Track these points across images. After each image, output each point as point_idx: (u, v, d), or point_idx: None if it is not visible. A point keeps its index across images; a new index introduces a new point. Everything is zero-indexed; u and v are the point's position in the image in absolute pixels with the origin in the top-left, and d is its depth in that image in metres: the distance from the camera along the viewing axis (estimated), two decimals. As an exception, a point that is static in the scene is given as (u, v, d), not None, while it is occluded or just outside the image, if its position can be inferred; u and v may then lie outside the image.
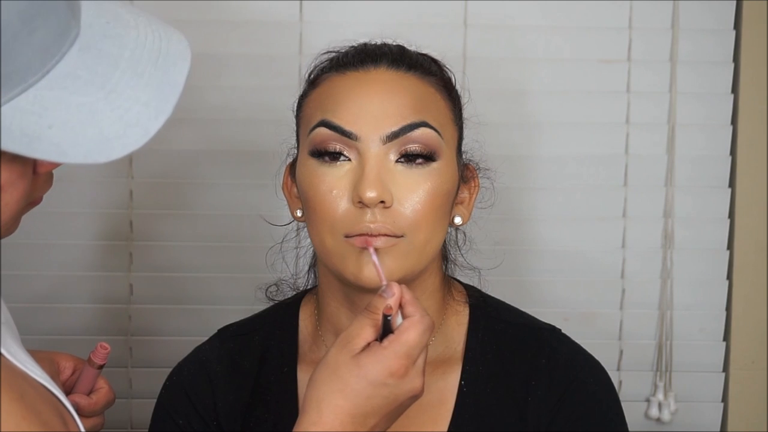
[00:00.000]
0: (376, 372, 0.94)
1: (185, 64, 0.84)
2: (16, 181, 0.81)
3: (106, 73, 0.80)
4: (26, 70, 0.77)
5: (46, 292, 1.66)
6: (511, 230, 1.68)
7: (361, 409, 0.94)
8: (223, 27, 1.65)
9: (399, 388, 0.95)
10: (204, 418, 1.18)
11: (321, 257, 1.12)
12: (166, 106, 0.82)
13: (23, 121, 0.76)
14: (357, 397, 0.94)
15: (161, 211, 1.68)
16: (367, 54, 1.12)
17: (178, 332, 1.67)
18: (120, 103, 0.80)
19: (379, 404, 0.95)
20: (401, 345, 0.95)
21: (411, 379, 0.95)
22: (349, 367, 0.94)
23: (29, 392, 0.82)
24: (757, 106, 1.68)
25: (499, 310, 1.20)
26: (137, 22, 0.85)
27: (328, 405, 0.94)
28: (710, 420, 1.72)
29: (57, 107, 0.78)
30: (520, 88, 1.68)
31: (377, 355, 0.94)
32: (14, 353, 0.84)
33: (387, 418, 0.96)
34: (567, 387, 1.14)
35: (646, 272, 1.71)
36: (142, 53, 0.83)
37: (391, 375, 0.94)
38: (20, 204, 0.83)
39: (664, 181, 1.69)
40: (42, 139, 0.77)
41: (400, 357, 0.95)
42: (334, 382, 0.95)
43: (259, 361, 1.19)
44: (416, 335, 0.95)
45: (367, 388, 0.94)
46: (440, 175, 1.08)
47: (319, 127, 1.08)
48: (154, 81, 0.82)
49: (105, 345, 1.14)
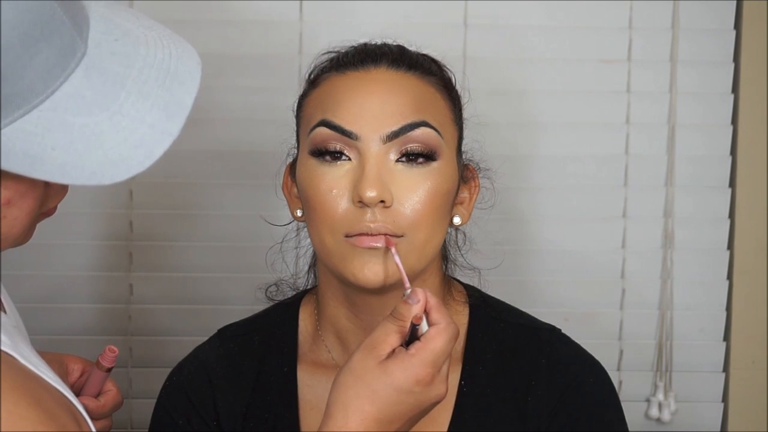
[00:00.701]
0: (403, 379, 0.94)
1: (194, 84, 0.84)
2: (25, 194, 0.81)
3: (111, 93, 0.80)
4: (29, 92, 0.76)
5: (46, 292, 1.66)
6: (511, 230, 1.68)
7: (386, 415, 0.95)
8: (223, 27, 1.65)
9: (425, 395, 0.96)
10: (204, 418, 1.18)
11: (321, 257, 1.12)
12: (172, 127, 0.82)
13: (26, 142, 0.76)
14: (383, 404, 0.94)
15: (161, 211, 1.68)
16: (368, 54, 1.12)
17: (178, 332, 1.67)
18: (125, 124, 0.79)
19: (404, 411, 0.95)
20: (428, 353, 0.95)
21: (436, 386, 0.96)
22: (376, 373, 0.95)
23: (45, 396, 0.81)
24: (757, 106, 1.68)
25: (499, 310, 1.20)
26: (147, 38, 0.84)
27: (355, 410, 0.94)
28: (710, 420, 1.72)
29: (60, 129, 0.77)
30: (520, 88, 1.68)
31: (405, 362, 0.95)
32: (27, 357, 0.83)
33: (409, 423, 0.97)
34: (567, 387, 1.14)
35: (646, 272, 1.71)
36: (149, 72, 0.82)
37: (418, 383, 0.95)
38: (32, 216, 0.83)
39: (664, 181, 1.69)
40: (45, 160, 0.76)
41: (427, 365, 0.95)
42: (360, 387, 0.95)
43: (259, 361, 1.19)
44: (443, 344, 0.96)
45: (394, 395, 0.94)
46: (440, 175, 1.08)
47: (320, 127, 1.08)
48: (160, 102, 0.81)
49: (113, 348, 1.13)
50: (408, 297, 0.98)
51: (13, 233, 0.83)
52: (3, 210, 0.80)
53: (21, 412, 0.78)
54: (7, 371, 0.79)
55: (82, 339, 1.66)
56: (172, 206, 1.68)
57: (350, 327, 1.15)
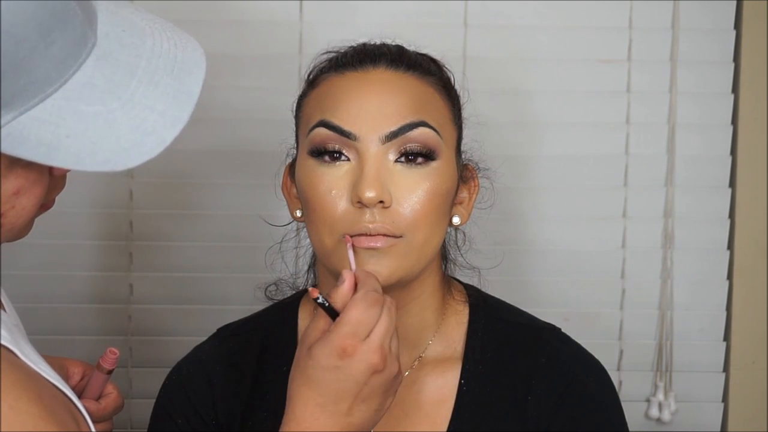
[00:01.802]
0: (325, 356, 0.94)
1: (200, 73, 0.86)
2: (33, 184, 0.82)
3: (122, 82, 0.81)
4: (43, 82, 0.78)
5: (46, 292, 1.66)
6: (511, 230, 1.68)
7: (325, 396, 0.94)
8: (223, 27, 1.65)
9: (352, 368, 0.94)
10: (203, 418, 1.18)
11: (320, 258, 1.12)
12: (181, 114, 0.83)
13: (40, 130, 0.78)
14: (317, 385, 0.94)
15: (161, 211, 1.68)
16: (366, 54, 1.12)
17: (178, 332, 1.68)
18: (136, 112, 0.81)
19: (342, 388, 0.94)
20: (343, 325, 0.94)
21: (364, 356, 0.94)
22: (305, 358, 0.95)
23: (45, 393, 0.82)
24: (757, 106, 1.68)
25: (499, 310, 1.20)
26: (152, 29, 0.86)
27: (298, 399, 0.95)
28: (710, 420, 1.72)
29: (74, 117, 0.79)
30: (520, 88, 1.68)
31: (324, 340, 0.95)
32: (27, 354, 0.84)
33: (365, 402, 0.95)
34: (567, 386, 1.14)
35: (646, 272, 1.71)
36: (158, 62, 0.84)
37: (340, 356, 0.94)
38: (37, 206, 0.85)
39: (664, 181, 1.69)
40: (59, 148, 0.78)
41: (345, 337, 0.94)
42: (297, 376, 0.96)
43: (258, 361, 1.19)
44: (357, 312, 0.95)
45: (323, 374, 0.94)
46: (439, 175, 1.08)
47: (318, 127, 1.08)
48: (170, 90, 0.83)
49: (114, 350, 1.13)
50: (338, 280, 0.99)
51: (19, 224, 0.84)
52: (12, 200, 0.82)
53: (22, 408, 0.78)
54: (8, 367, 0.80)
55: (82, 339, 1.66)
56: (172, 206, 1.68)
57: (349, 327, 1.15)
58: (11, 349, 0.82)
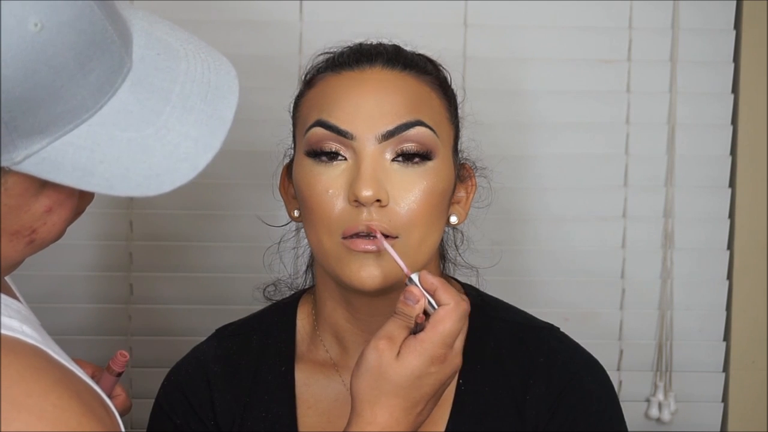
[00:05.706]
0: (419, 365, 0.98)
1: (234, 99, 0.86)
2: (63, 203, 0.83)
3: (156, 108, 0.81)
4: (80, 108, 0.78)
5: (46, 292, 1.66)
6: (511, 230, 1.68)
7: (411, 401, 0.99)
8: (223, 27, 1.65)
9: (442, 372, 1.00)
10: (201, 418, 1.18)
11: (318, 258, 1.12)
12: (214, 141, 0.83)
13: (75, 155, 0.78)
14: (407, 392, 0.99)
15: (161, 211, 1.68)
16: (363, 54, 1.12)
17: (178, 332, 1.68)
18: (170, 138, 0.81)
19: (427, 391, 1.00)
20: (438, 335, 0.99)
21: (451, 361, 1.00)
22: (395, 368, 0.98)
23: (82, 390, 0.83)
24: (757, 106, 1.68)
25: (498, 309, 1.20)
26: (186, 51, 0.86)
27: (382, 406, 0.99)
28: (710, 420, 1.72)
29: (108, 143, 0.79)
30: (520, 88, 1.68)
31: (417, 349, 0.98)
32: (58, 352, 0.85)
33: (434, 400, 1.02)
34: (565, 386, 1.14)
35: (646, 272, 1.70)
36: (192, 87, 0.84)
37: (433, 363, 0.99)
38: (70, 219, 0.86)
39: (664, 181, 1.69)
40: (94, 173, 0.78)
41: (439, 346, 0.99)
42: (383, 384, 0.99)
43: (256, 361, 1.19)
44: (451, 324, 0.99)
45: (416, 382, 0.99)
46: (436, 174, 1.08)
47: (315, 127, 1.08)
48: (203, 116, 0.83)
49: (125, 353, 1.14)
50: (407, 298, 1.00)
51: (50, 238, 0.86)
52: (44, 217, 0.83)
53: (65, 405, 0.78)
54: (47, 366, 0.81)
55: (82, 339, 1.66)
56: (172, 206, 1.68)
57: (348, 327, 1.16)
58: (43, 349, 0.83)
